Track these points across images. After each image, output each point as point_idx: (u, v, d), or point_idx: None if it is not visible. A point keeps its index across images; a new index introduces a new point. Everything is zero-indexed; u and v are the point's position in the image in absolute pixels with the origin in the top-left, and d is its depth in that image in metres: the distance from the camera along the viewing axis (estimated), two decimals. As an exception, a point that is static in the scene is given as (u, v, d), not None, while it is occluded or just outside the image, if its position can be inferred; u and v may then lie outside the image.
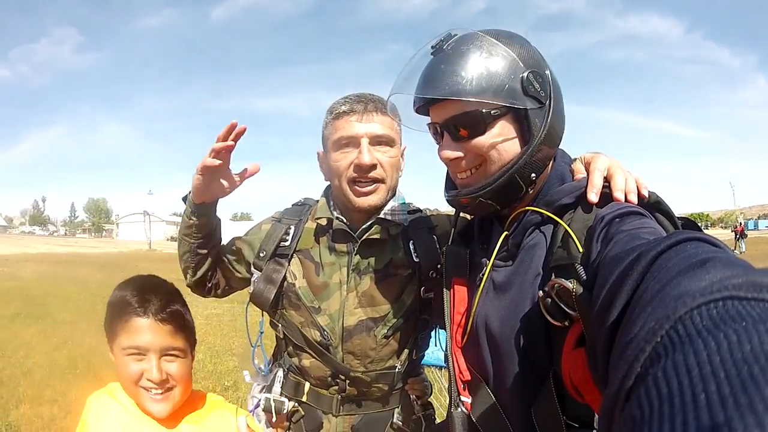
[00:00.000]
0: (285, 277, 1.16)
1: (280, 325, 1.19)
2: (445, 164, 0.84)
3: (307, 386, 1.16)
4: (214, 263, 1.23)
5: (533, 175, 0.77)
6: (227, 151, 1.05)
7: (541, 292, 0.68)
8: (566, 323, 0.65)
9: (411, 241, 1.15)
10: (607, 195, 0.72)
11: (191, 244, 1.17)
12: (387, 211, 1.15)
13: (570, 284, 0.62)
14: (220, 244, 1.25)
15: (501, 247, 0.82)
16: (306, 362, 1.15)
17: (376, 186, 1.09)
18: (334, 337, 1.12)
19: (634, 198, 0.71)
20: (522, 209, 0.81)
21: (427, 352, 1.26)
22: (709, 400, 0.23)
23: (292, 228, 1.19)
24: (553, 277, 0.67)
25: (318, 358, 1.14)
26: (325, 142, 1.15)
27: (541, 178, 0.80)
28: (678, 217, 0.71)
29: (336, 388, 1.14)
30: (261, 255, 1.18)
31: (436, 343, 1.20)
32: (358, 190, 1.09)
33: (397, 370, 1.14)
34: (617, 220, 0.66)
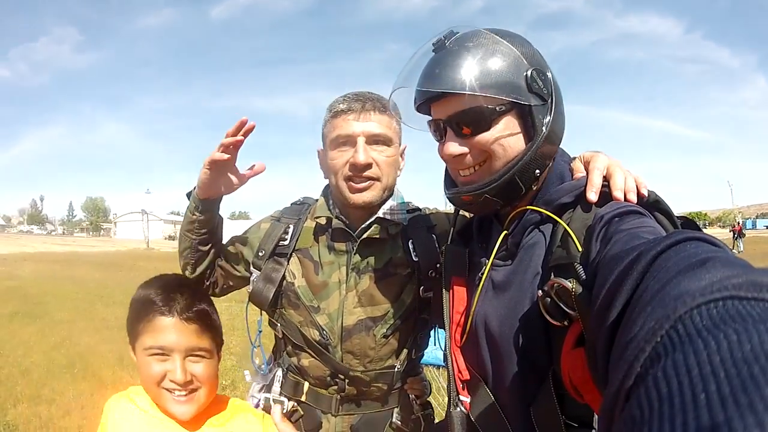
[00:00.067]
0: (284, 276, 1.16)
1: (279, 325, 1.19)
2: (447, 161, 0.83)
3: (306, 386, 1.16)
4: (213, 261, 1.23)
5: (537, 171, 0.77)
6: (236, 146, 1.05)
7: (540, 291, 0.67)
8: (565, 323, 0.65)
9: (410, 240, 1.15)
10: (606, 194, 0.72)
11: (192, 240, 1.17)
12: (386, 211, 1.14)
13: (569, 284, 0.62)
14: (221, 242, 1.25)
15: (500, 247, 0.82)
16: (305, 362, 1.15)
17: (371, 183, 1.09)
18: (333, 336, 1.12)
19: (633, 197, 0.71)
20: (521, 208, 0.81)
21: (425, 351, 1.26)
22: (709, 399, 0.23)
23: (291, 227, 1.19)
24: (552, 277, 0.67)
25: (317, 358, 1.13)
26: (324, 139, 1.15)
27: (541, 177, 0.80)
28: (677, 217, 0.71)
29: (335, 387, 1.13)
30: (260, 254, 1.17)
31: (435, 343, 1.20)
32: (353, 186, 1.09)
33: (396, 369, 1.14)
34: (617, 219, 0.65)
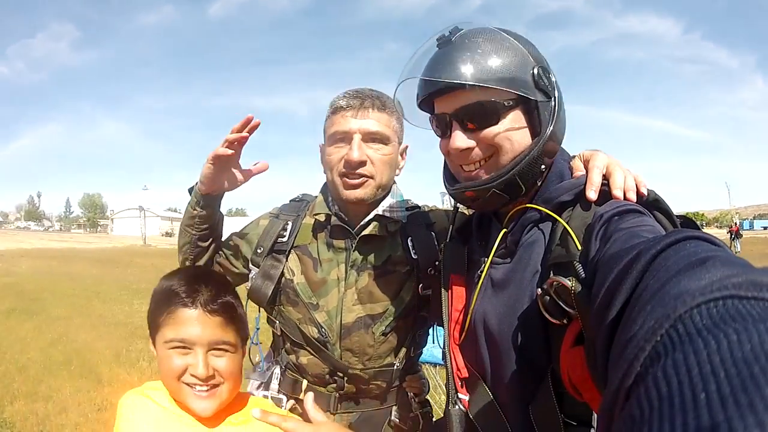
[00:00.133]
0: (283, 273, 1.16)
1: (278, 322, 1.18)
2: (452, 156, 0.81)
3: (304, 384, 1.16)
4: (212, 257, 1.23)
5: (543, 167, 0.77)
6: (240, 143, 1.06)
7: (539, 289, 0.67)
8: (564, 321, 0.64)
9: (409, 237, 1.15)
10: (605, 193, 0.72)
11: (192, 236, 1.17)
12: (385, 208, 1.14)
13: (569, 282, 0.62)
14: (220, 239, 1.25)
15: (499, 245, 0.81)
16: (303, 359, 1.15)
17: (364, 180, 1.09)
18: (332, 334, 1.12)
19: (632, 196, 0.71)
20: (521, 206, 0.81)
21: (423, 349, 1.26)
22: (709, 399, 0.23)
23: (290, 224, 1.19)
24: (551, 275, 0.67)
25: (316, 355, 1.13)
26: (324, 135, 1.16)
27: (544, 174, 0.80)
28: (677, 216, 0.71)
29: (334, 385, 1.13)
30: (259, 251, 1.17)
31: (433, 341, 1.20)
32: (346, 182, 1.09)
33: (395, 367, 1.14)
34: (616, 218, 0.65)
